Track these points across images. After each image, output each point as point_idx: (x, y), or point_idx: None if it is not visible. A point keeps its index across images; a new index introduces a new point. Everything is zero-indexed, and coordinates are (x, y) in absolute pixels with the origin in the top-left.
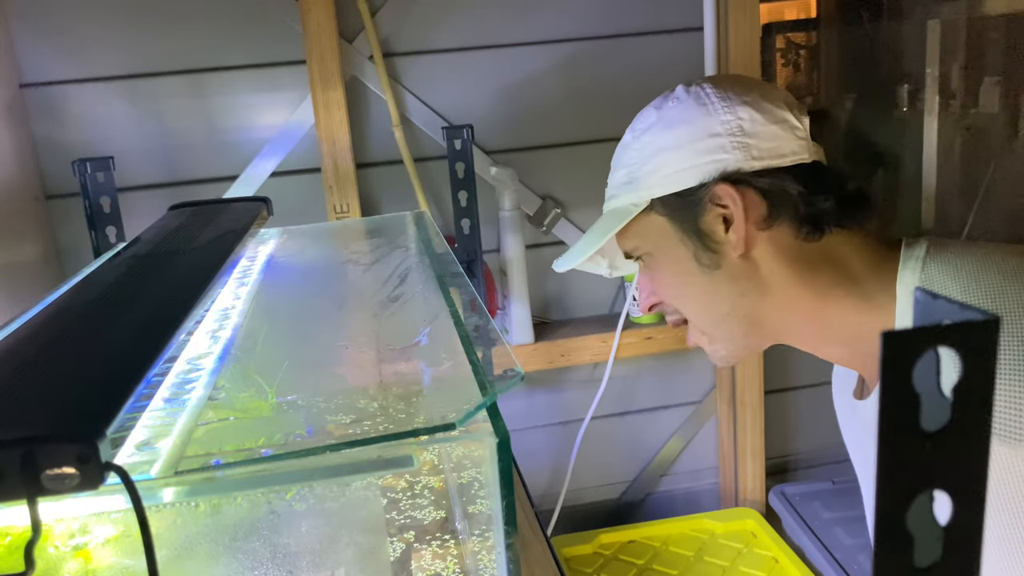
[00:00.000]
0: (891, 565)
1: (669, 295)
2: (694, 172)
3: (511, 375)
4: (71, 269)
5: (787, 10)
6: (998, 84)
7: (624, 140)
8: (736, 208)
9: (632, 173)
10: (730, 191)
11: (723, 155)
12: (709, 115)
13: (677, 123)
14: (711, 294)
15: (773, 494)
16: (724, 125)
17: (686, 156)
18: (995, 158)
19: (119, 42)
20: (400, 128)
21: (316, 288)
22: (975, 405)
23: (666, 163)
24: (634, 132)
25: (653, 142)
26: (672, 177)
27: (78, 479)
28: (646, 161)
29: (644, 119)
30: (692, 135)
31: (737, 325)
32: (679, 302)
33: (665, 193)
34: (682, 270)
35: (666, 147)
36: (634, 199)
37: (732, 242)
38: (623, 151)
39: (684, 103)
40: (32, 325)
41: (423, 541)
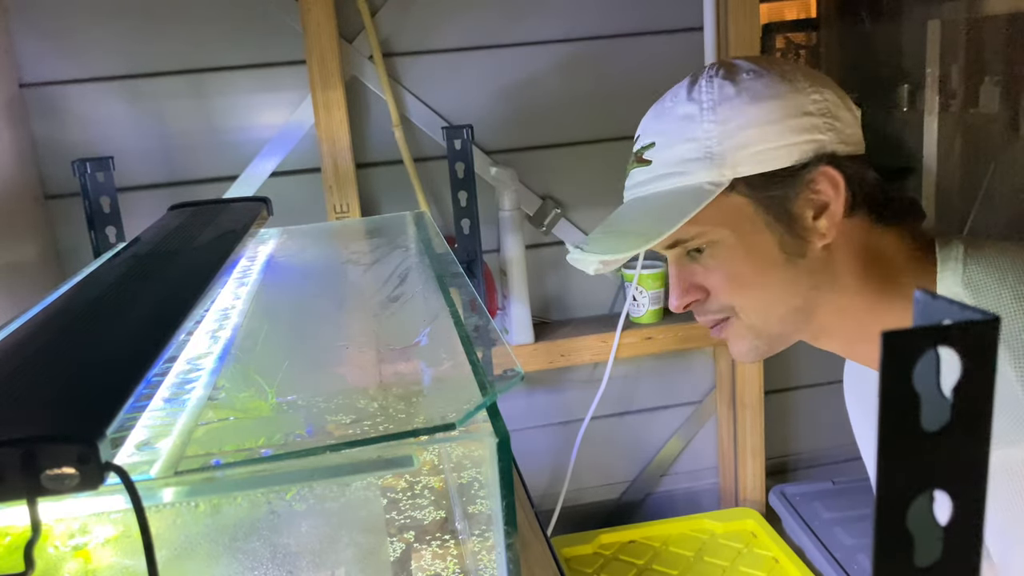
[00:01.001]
0: (891, 565)
1: (734, 287)
2: (789, 151)
3: (511, 375)
4: (71, 269)
5: (787, 10)
6: (998, 84)
7: (682, 113)
8: (836, 193)
9: (709, 148)
10: (834, 175)
11: (818, 135)
12: (798, 92)
13: (765, 97)
14: (788, 286)
15: (773, 494)
16: (815, 104)
17: (780, 133)
18: (995, 158)
19: (119, 42)
20: (400, 128)
21: (316, 288)
22: (975, 405)
23: (757, 139)
24: (700, 104)
25: (737, 115)
26: (764, 155)
27: (78, 479)
28: (730, 135)
29: (714, 91)
30: (785, 111)
31: (799, 321)
32: (746, 295)
33: (754, 172)
34: (763, 259)
35: (756, 122)
36: (714, 177)
37: (820, 230)
38: (687, 124)
39: (767, 77)
40: (32, 325)
41: (423, 541)
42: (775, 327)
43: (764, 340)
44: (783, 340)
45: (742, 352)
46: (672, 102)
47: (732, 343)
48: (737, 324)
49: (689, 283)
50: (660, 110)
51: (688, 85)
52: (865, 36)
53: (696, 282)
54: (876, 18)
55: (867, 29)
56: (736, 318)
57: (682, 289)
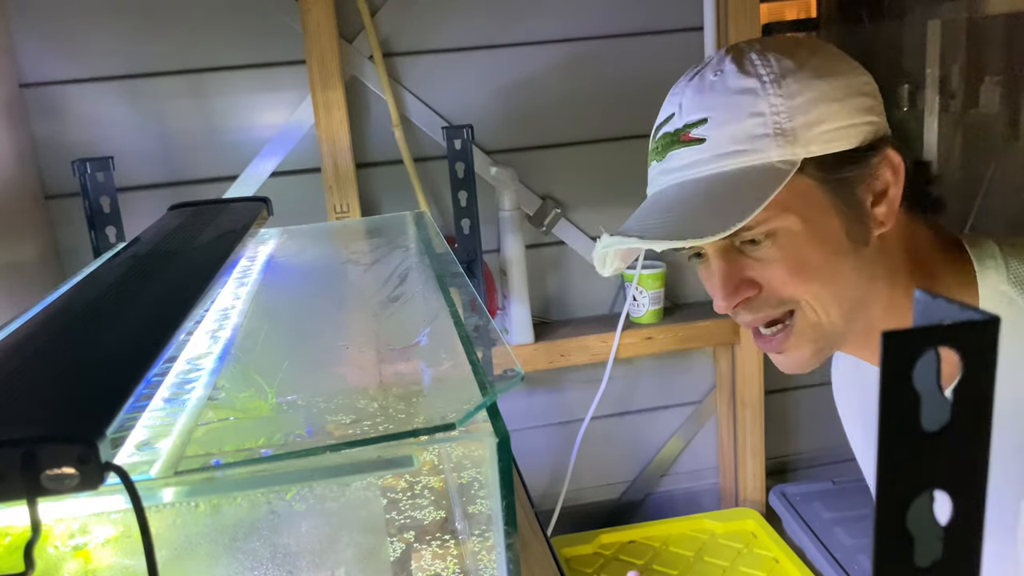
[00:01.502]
0: (891, 565)
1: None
2: (854, 132)
3: (511, 375)
4: (71, 269)
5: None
6: (998, 84)
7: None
8: (895, 179)
9: (779, 123)
10: (896, 159)
11: (875, 117)
12: (854, 72)
13: (828, 73)
14: (852, 275)
15: (773, 494)
16: (868, 85)
17: (846, 112)
18: (995, 158)
19: (119, 42)
20: (400, 128)
21: (316, 288)
22: (975, 405)
23: (827, 116)
24: (760, 77)
25: (806, 89)
26: (834, 134)
27: (78, 479)
28: (801, 111)
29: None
30: (848, 89)
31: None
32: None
33: (825, 152)
34: (831, 246)
35: (824, 98)
36: (786, 155)
37: (879, 217)
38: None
39: (822, 54)
40: (32, 325)
41: (423, 541)
42: (838, 323)
43: (826, 341)
44: (840, 341)
45: (803, 358)
46: (719, 76)
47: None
48: (799, 323)
49: (740, 278)
50: (703, 86)
51: (733, 59)
52: (865, 36)
53: (748, 276)
54: (876, 18)
55: (867, 29)
56: (799, 313)
57: (733, 285)
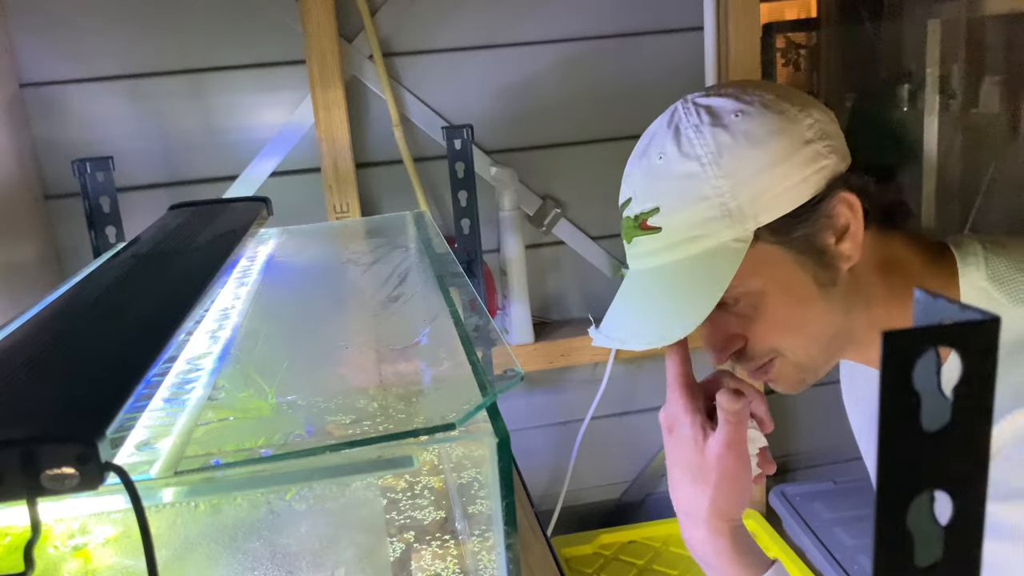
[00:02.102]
0: (891, 565)
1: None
2: (804, 186)
3: (511, 375)
4: (71, 269)
5: (787, 10)
6: (998, 84)
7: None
8: (853, 214)
9: (725, 204)
10: (852, 199)
11: (824, 161)
12: (793, 121)
13: (764, 137)
14: (826, 316)
15: (773, 494)
16: (811, 129)
17: (791, 171)
18: (995, 158)
19: (119, 42)
20: (400, 128)
21: (316, 288)
22: (975, 405)
23: (771, 183)
24: (699, 159)
25: (744, 164)
26: (781, 197)
27: (78, 479)
28: (743, 186)
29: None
30: (788, 146)
31: (841, 347)
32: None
33: (776, 217)
34: (802, 298)
35: (765, 166)
36: (737, 233)
37: (845, 253)
38: (692, 182)
39: (755, 115)
40: (32, 325)
41: (423, 541)
42: (820, 358)
43: (811, 372)
44: (828, 366)
45: (791, 387)
46: (663, 160)
47: (780, 382)
48: (782, 364)
49: (725, 335)
50: (650, 169)
51: (673, 138)
52: (865, 36)
53: (732, 332)
54: (876, 18)
55: (867, 29)
56: (780, 359)
57: (720, 343)
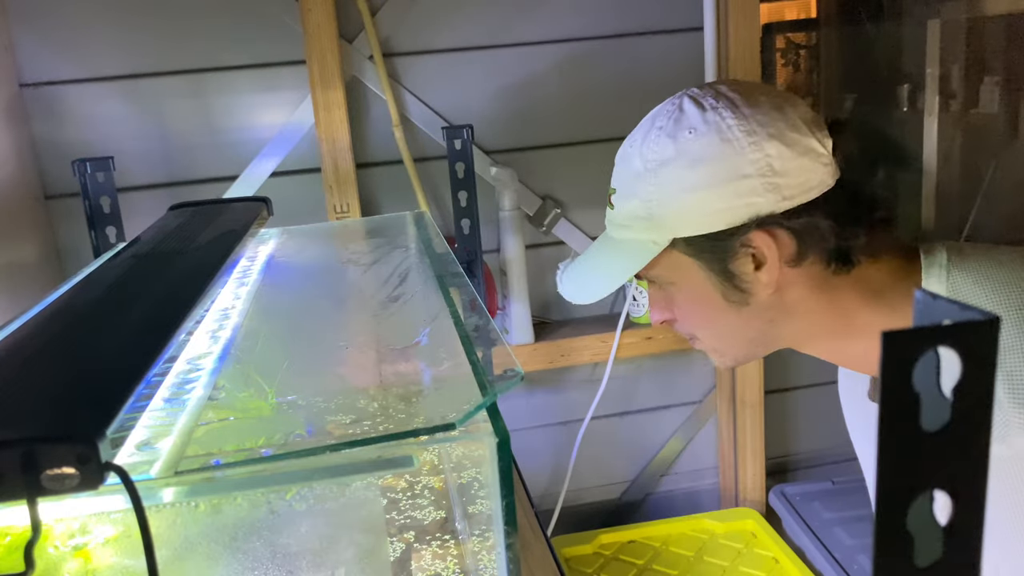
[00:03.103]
0: (891, 565)
1: (689, 323)
2: (725, 215)
3: (511, 375)
4: (71, 269)
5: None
6: (998, 84)
7: (635, 167)
8: (770, 253)
9: (651, 209)
10: (765, 239)
11: (755, 198)
12: (737, 153)
13: (701, 161)
14: (738, 325)
15: (773, 494)
16: (754, 165)
17: (716, 199)
18: (995, 158)
19: (119, 42)
20: (400, 128)
21: (316, 288)
22: (975, 405)
23: (694, 205)
24: (646, 161)
25: (675, 180)
26: (700, 220)
27: (78, 479)
28: (669, 200)
29: (657, 148)
30: (721, 176)
31: (760, 346)
32: (702, 330)
33: (692, 235)
34: (709, 306)
35: (692, 187)
36: (655, 237)
37: (763, 282)
38: (636, 180)
39: (705, 137)
40: (32, 325)
41: (423, 541)
42: (736, 351)
43: (731, 358)
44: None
45: (720, 365)
46: (631, 148)
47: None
48: (703, 347)
49: (660, 306)
50: (622, 154)
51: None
52: (865, 36)
53: (664, 306)
54: (876, 18)
55: (867, 29)
56: (698, 342)
57: (656, 311)
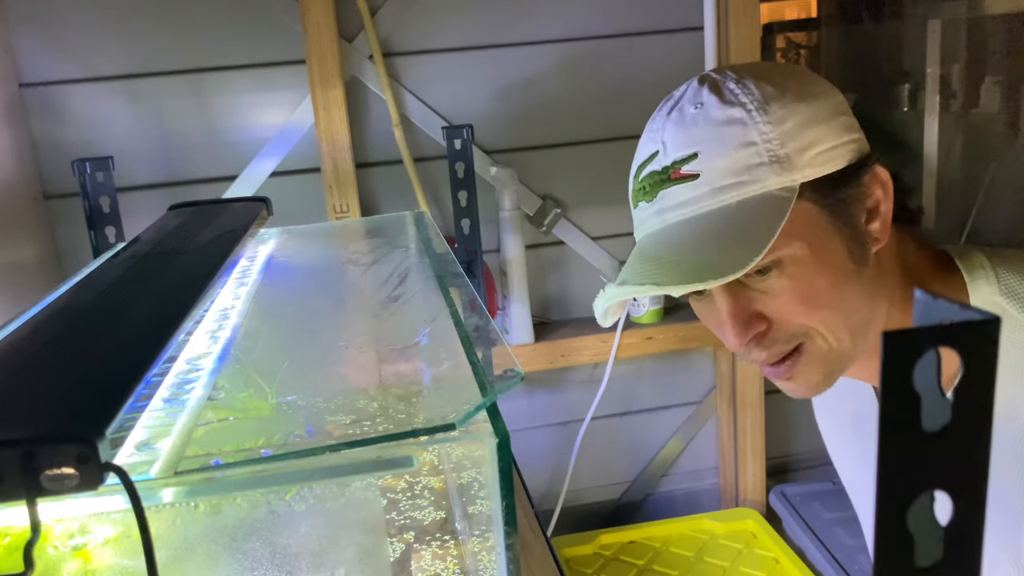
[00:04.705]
0: (891, 565)
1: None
2: (842, 151)
3: (511, 375)
4: (71, 269)
5: (787, 10)
6: (998, 84)
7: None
8: (885, 194)
9: (773, 151)
10: (884, 175)
11: (857, 135)
12: (830, 91)
13: (809, 95)
14: (857, 298)
15: (773, 494)
16: (843, 104)
17: (832, 133)
18: (995, 158)
19: (119, 42)
20: (400, 128)
21: (316, 288)
22: (975, 405)
23: (817, 139)
24: (743, 106)
25: (792, 114)
26: (825, 155)
27: (78, 479)
28: (791, 136)
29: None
30: (830, 109)
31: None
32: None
33: (821, 175)
34: (837, 270)
35: (811, 120)
36: (785, 182)
37: (874, 233)
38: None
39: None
40: (32, 325)
41: (423, 541)
42: (848, 347)
43: (837, 365)
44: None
45: (814, 384)
46: (699, 109)
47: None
48: (810, 352)
49: (749, 314)
50: (684, 120)
51: (711, 90)
52: (865, 36)
53: (756, 310)
54: (876, 18)
55: (867, 29)
56: (810, 343)
57: (743, 321)
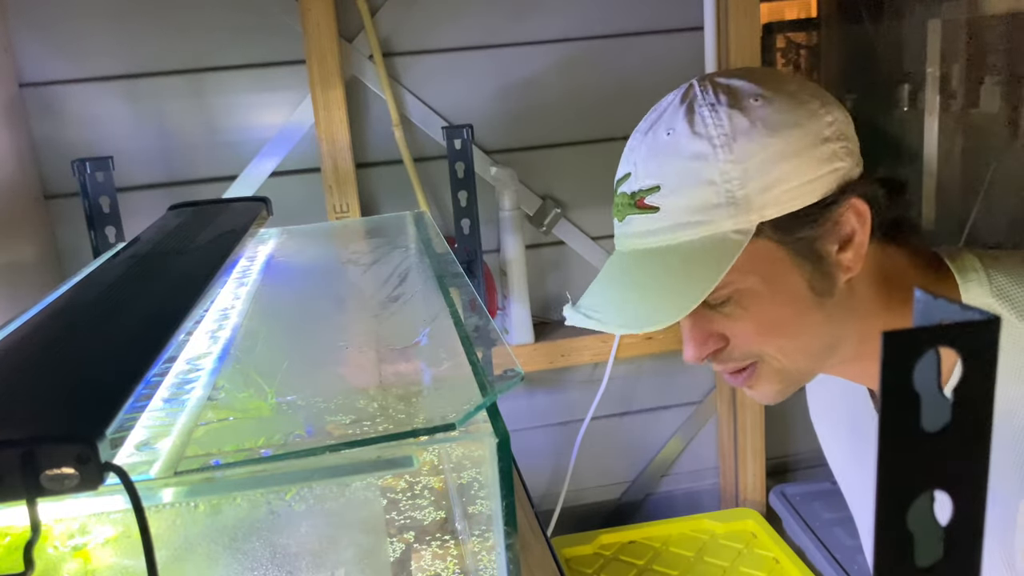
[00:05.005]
0: (891, 565)
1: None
2: (816, 185)
3: (511, 375)
4: (71, 269)
5: (787, 10)
6: (998, 84)
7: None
8: (861, 224)
9: (731, 192)
10: (862, 207)
11: (839, 163)
12: (813, 117)
13: (782, 127)
14: (818, 327)
15: (773, 494)
16: (830, 128)
17: (804, 167)
18: (995, 158)
19: (119, 42)
20: (400, 128)
21: (316, 288)
22: (975, 405)
23: (781, 177)
24: (711, 140)
25: (758, 151)
26: (790, 193)
27: (77, 479)
28: (753, 176)
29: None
30: (805, 140)
31: (826, 357)
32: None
33: (783, 213)
34: (794, 303)
35: (777, 157)
36: (740, 224)
37: (845, 263)
38: (699, 164)
39: (776, 102)
40: (32, 325)
41: (423, 541)
42: (805, 368)
43: (792, 382)
44: (811, 377)
45: (768, 396)
46: (671, 136)
47: (757, 389)
48: (764, 369)
49: (707, 333)
50: (656, 145)
51: (686, 115)
52: (865, 36)
53: (715, 331)
54: (876, 18)
55: (867, 29)
56: (763, 363)
57: (700, 340)
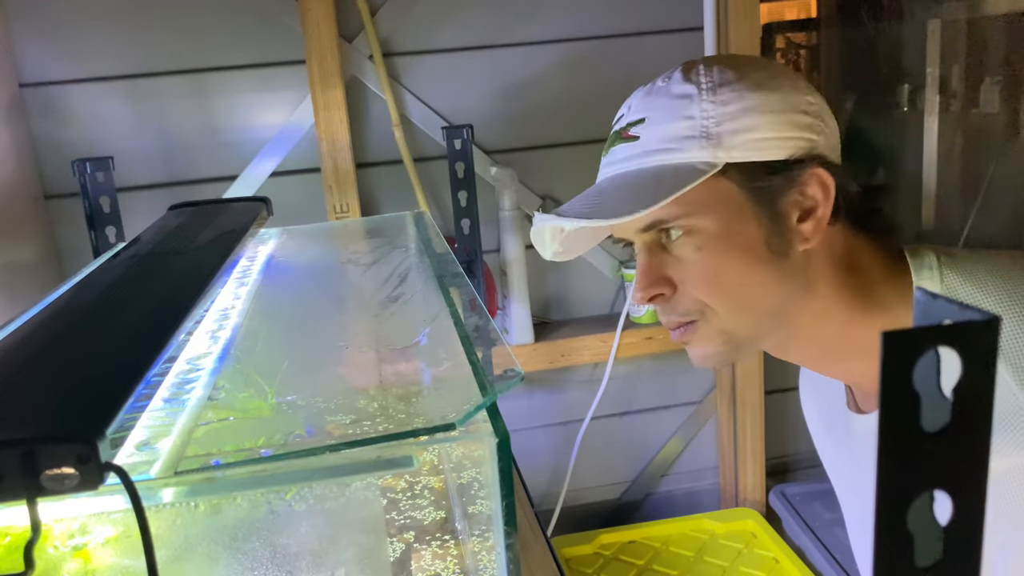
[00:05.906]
0: (891, 565)
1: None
2: (785, 144)
3: (511, 375)
4: (71, 269)
5: (787, 10)
6: (998, 84)
7: (679, 91)
8: (824, 197)
9: (706, 127)
10: (826, 177)
11: (812, 135)
12: (796, 90)
13: (765, 87)
14: (767, 286)
15: (773, 494)
16: (810, 105)
17: (778, 124)
18: (995, 158)
19: (119, 42)
20: (400, 128)
21: (316, 288)
22: (975, 405)
23: (755, 125)
24: (699, 84)
25: (739, 99)
26: (761, 143)
27: (78, 479)
28: (730, 117)
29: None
30: (784, 104)
31: (771, 326)
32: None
33: (749, 159)
34: (747, 252)
35: (756, 108)
36: (708, 157)
37: (804, 234)
38: (684, 102)
39: (767, 69)
40: (32, 325)
41: (423, 541)
42: (747, 330)
43: (732, 345)
44: (751, 346)
45: (706, 356)
46: (665, 83)
47: (695, 346)
48: (705, 327)
49: (658, 274)
50: (651, 90)
51: (683, 70)
52: (865, 36)
53: (666, 274)
54: (876, 18)
55: (867, 29)
56: (704, 320)
57: (650, 280)
